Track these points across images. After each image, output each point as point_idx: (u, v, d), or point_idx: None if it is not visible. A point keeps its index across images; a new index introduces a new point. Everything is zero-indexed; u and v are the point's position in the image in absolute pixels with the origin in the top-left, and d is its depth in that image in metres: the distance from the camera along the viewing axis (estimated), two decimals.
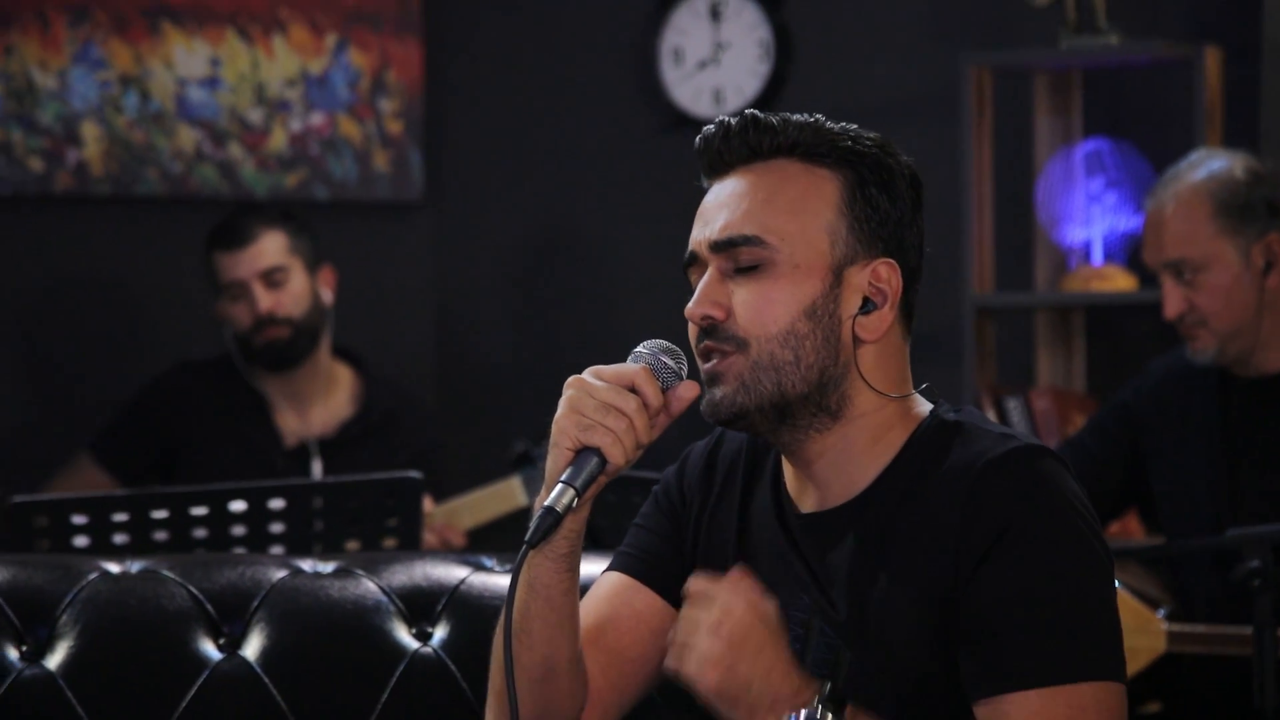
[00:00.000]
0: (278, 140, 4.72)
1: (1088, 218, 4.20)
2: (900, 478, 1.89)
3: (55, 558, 2.52)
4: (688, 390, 1.89)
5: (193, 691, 2.26)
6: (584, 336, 4.74)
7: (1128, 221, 4.17)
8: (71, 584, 2.31)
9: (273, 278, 4.10)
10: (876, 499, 1.89)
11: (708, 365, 1.90)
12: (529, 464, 4.00)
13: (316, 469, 4.11)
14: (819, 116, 1.93)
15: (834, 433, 1.90)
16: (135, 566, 2.34)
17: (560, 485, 1.85)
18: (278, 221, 4.15)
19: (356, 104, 4.75)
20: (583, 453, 1.86)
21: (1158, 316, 3.46)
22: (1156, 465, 3.43)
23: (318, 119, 4.74)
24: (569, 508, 1.85)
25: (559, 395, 1.91)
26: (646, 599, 1.98)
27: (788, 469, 1.95)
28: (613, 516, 3.02)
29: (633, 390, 1.86)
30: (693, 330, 1.92)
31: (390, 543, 3.19)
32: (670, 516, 2.01)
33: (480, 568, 2.37)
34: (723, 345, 1.89)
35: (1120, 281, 4.16)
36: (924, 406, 1.94)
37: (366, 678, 2.29)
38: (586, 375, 1.88)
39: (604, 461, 1.85)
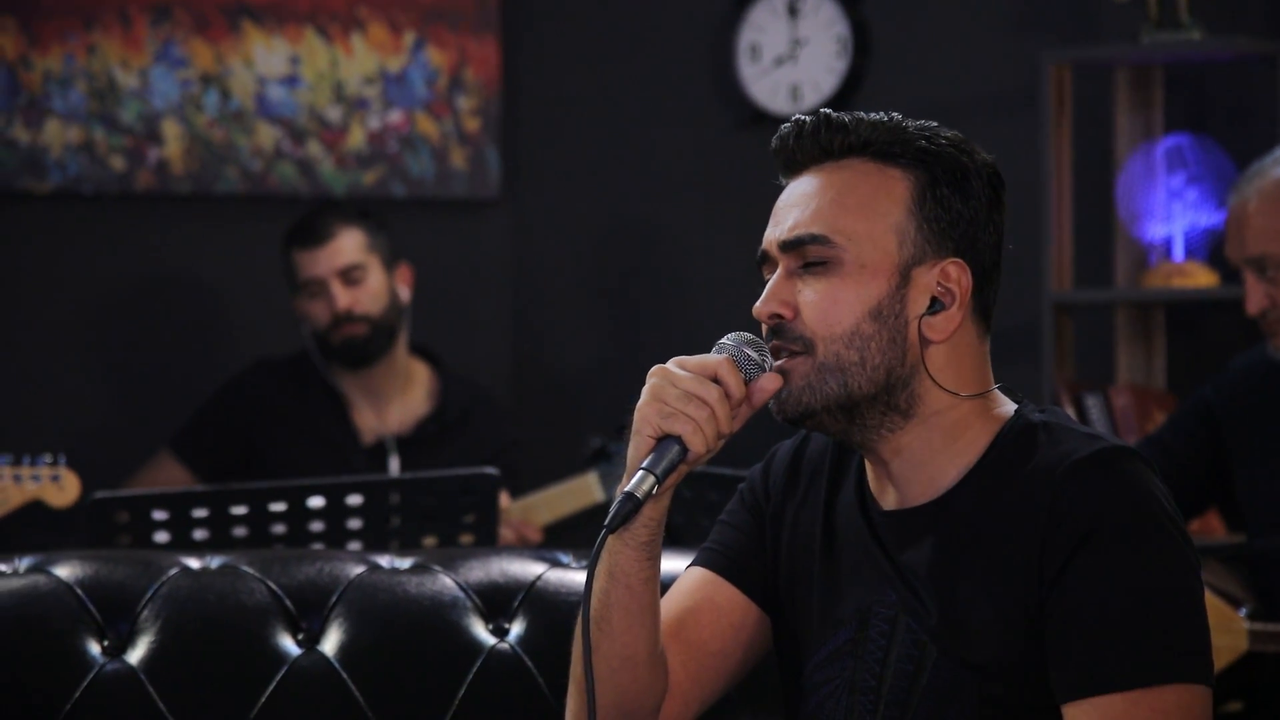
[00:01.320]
0: (356, 138, 4.75)
1: (1168, 213, 4.17)
2: (984, 478, 1.88)
3: (136, 553, 2.53)
4: (770, 382, 1.89)
5: (271, 687, 2.27)
6: (660, 333, 4.74)
7: (1209, 217, 4.13)
8: (152, 579, 2.32)
9: (350, 275, 4.12)
10: (959, 499, 1.89)
11: (778, 363, 1.90)
12: (605, 460, 4.00)
13: (394, 466, 4.13)
14: (895, 115, 1.92)
15: (907, 432, 1.90)
16: (215, 562, 2.36)
17: (641, 472, 1.86)
18: (355, 219, 4.16)
19: (434, 102, 4.77)
20: (664, 441, 1.87)
21: (1239, 313, 3.43)
22: (1238, 462, 3.40)
23: (395, 117, 4.76)
24: (649, 494, 1.86)
25: (635, 392, 1.92)
26: (728, 594, 1.99)
27: (869, 467, 1.95)
28: (688, 513, 3.02)
29: (715, 380, 1.87)
30: (764, 329, 1.92)
31: (467, 539, 3.20)
32: (754, 514, 2.02)
33: (557, 564, 2.37)
34: (790, 345, 1.90)
35: (1201, 278, 4.13)
36: (1008, 406, 1.93)
37: (443, 674, 2.29)
38: (670, 364, 1.89)
39: (685, 450, 1.86)
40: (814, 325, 1.88)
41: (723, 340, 1.92)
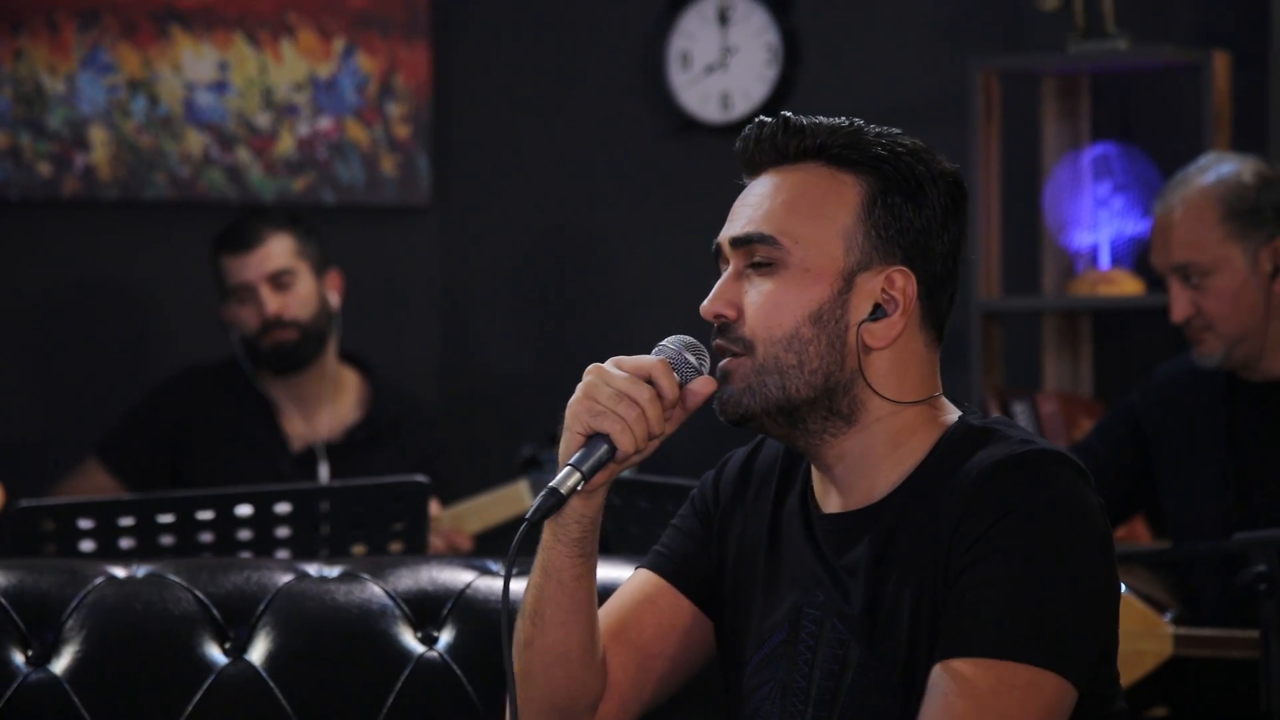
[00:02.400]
0: (285, 144, 4.73)
1: (1095, 222, 4.20)
2: (921, 481, 1.90)
3: (61, 562, 2.52)
4: (704, 386, 1.91)
5: (198, 696, 2.26)
6: (591, 340, 4.74)
7: (1135, 226, 4.17)
8: (78, 588, 2.31)
9: (280, 280, 4.10)
10: (895, 502, 1.90)
11: (720, 364, 1.92)
12: (536, 468, 4.00)
13: (323, 473, 4.11)
14: (857, 121, 1.94)
15: (850, 438, 1.91)
16: (141, 571, 2.34)
17: (567, 468, 1.88)
18: (285, 225, 4.15)
19: (364, 108, 4.76)
20: (593, 438, 1.89)
21: (1165, 320, 3.46)
22: (1163, 469, 3.43)
23: (325, 123, 4.75)
24: (573, 490, 1.87)
25: (565, 399, 1.93)
26: (671, 598, 2.00)
27: (815, 472, 1.96)
28: (618, 520, 3.02)
29: (649, 381, 1.89)
30: (713, 333, 1.94)
31: (396, 547, 3.19)
32: (703, 519, 2.03)
33: (486, 572, 2.37)
34: (731, 345, 1.91)
35: (1127, 285, 4.16)
36: (952, 414, 1.94)
37: (372, 682, 2.29)
38: (608, 364, 1.91)
39: (613, 449, 1.88)
40: (755, 327, 1.90)
41: (663, 342, 1.93)
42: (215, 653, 2.29)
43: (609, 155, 4.75)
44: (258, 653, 2.29)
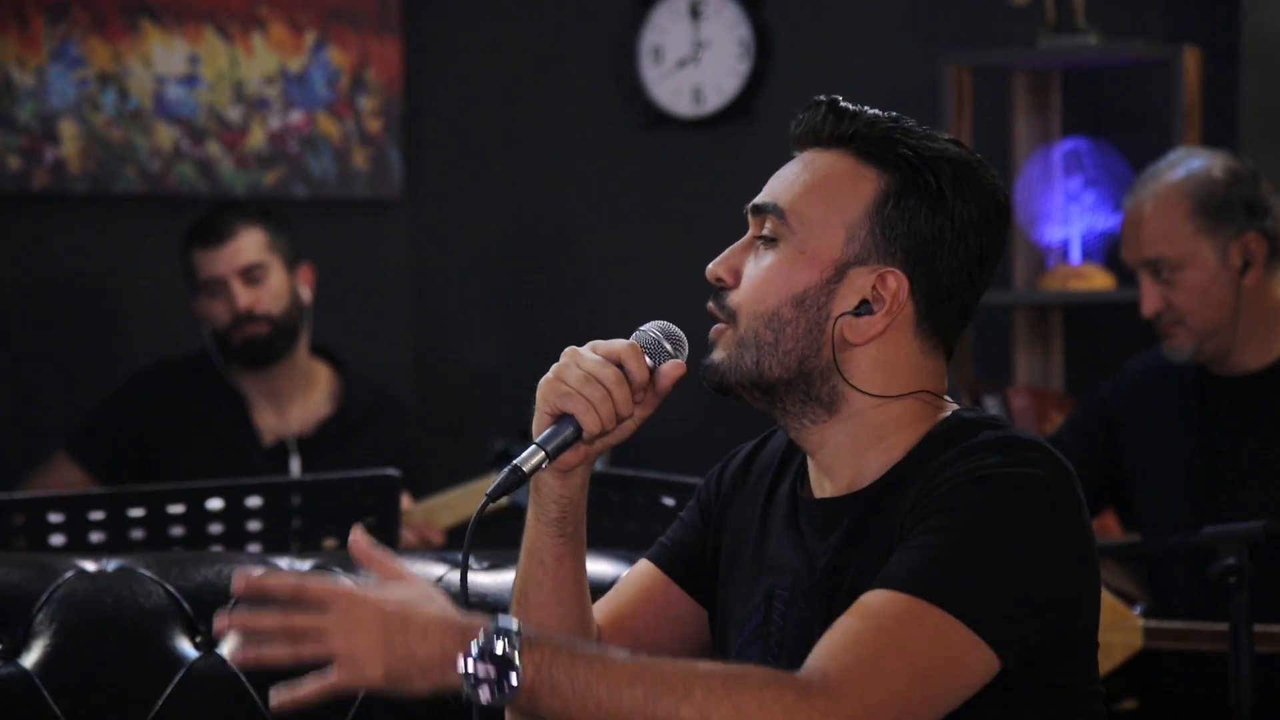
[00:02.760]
0: (256, 138, 4.72)
1: (1066, 217, 4.21)
2: (904, 471, 1.90)
3: (31, 556, 2.51)
4: (673, 369, 1.93)
5: (169, 690, 2.25)
6: (563, 334, 4.72)
7: (1106, 220, 4.18)
8: (48, 582, 2.30)
9: (251, 274, 4.10)
10: (877, 490, 1.91)
11: (711, 330, 1.95)
12: (507, 462, 3.99)
13: (295, 467, 4.10)
14: (901, 118, 1.94)
15: (831, 426, 1.92)
16: (111, 565, 2.34)
17: (532, 446, 1.90)
18: (256, 219, 4.14)
19: (335, 102, 4.75)
20: (561, 419, 1.91)
21: (1135, 315, 3.47)
22: (1133, 463, 3.44)
23: (296, 117, 4.74)
24: (536, 468, 1.90)
25: (533, 395, 1.94)
26: (668, 588, 2.02)
27: (809, 460, 1.97)
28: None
29: (619, 365, 1.90)
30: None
31: None
32: (704, 511, 2.05)
33: (458, 565, 2.37)
34: (720, 312, 1.93)
35: (1098, 280, 4.17)
36: (946, 410, 1.94)
37: None
38: (584, 347, 1.93)
39: (579, 429, 1.90)
40: (743, 298, 1.92)
41: (642, 327, 1.95)
42: (186, 646, 2.28)
43: (581, 149, 4.75)
44: (229, 647, 2.28)
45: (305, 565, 2.36)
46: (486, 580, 2.36)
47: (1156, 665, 3.35)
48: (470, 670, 1.73)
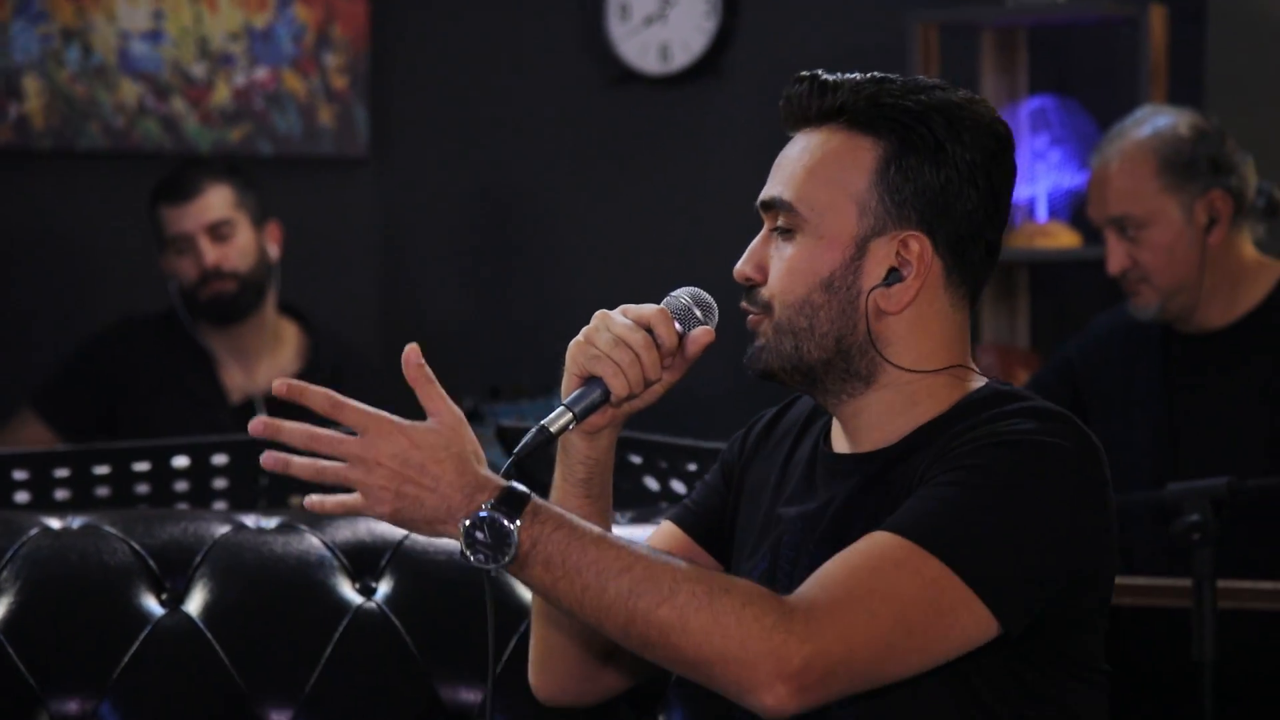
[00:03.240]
0: (221, 94, 4.69)
1: (1032, 175, 4.21)
2: (931, 434, 1.91)
3: None
4: (703, 335, 1.94)
5: (135, 647, 2.25)
6: (530, 292, 4.74)
7: (1072, 178, 4.18)
8: (12, 539, 2.30)
9: (219, 231, 4.08)
10: (903, 447, 1.92)
11: (748, 320, 1.96)
12: (477, 420, 4.00)
13: None
14: (884, 77, 1.94)
15: (868, 396, 1.93)
16: (76, 522, 2.33)
17: (560, 408, 1.92)
18: (224, 175, 4.13)
19: (301, 59, 4.72)
20: (589, 381, 1.92)
21: (1101, 273, 3.48)
22: (1098, 420, 3.45)
23: (262, 73, 4.71)
24: (564, 429, 1.91)
25: (505, 351, 1.95)
26: (689, 549, 2.03)
27: (834, 421, 1.99)
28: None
29: (649, 330, 1.92)
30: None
31: None
32: (725, 473, 2.07)
33: None
34: (754, 308, 1.95)
35: (1064, 238, 4.18)
36: (979, 381, 1.95)
37: (310, 633, 2.28)
38: (615, 310, 1.94)
39: (607, 392, 1.91)
40: (773, 291, 1.93)
41: (673, 293, 1.97)
42: (152, 604, 2.28)
43: (548, 106, 4.74)
44: (195, 604, 2.28)
45: (272, 523, 2.36)
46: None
47: (1119, 621, 3.37)
48: (469, 533, 1.77)
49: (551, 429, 1.90)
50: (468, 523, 1.77)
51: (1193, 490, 2.79)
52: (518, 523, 1.77)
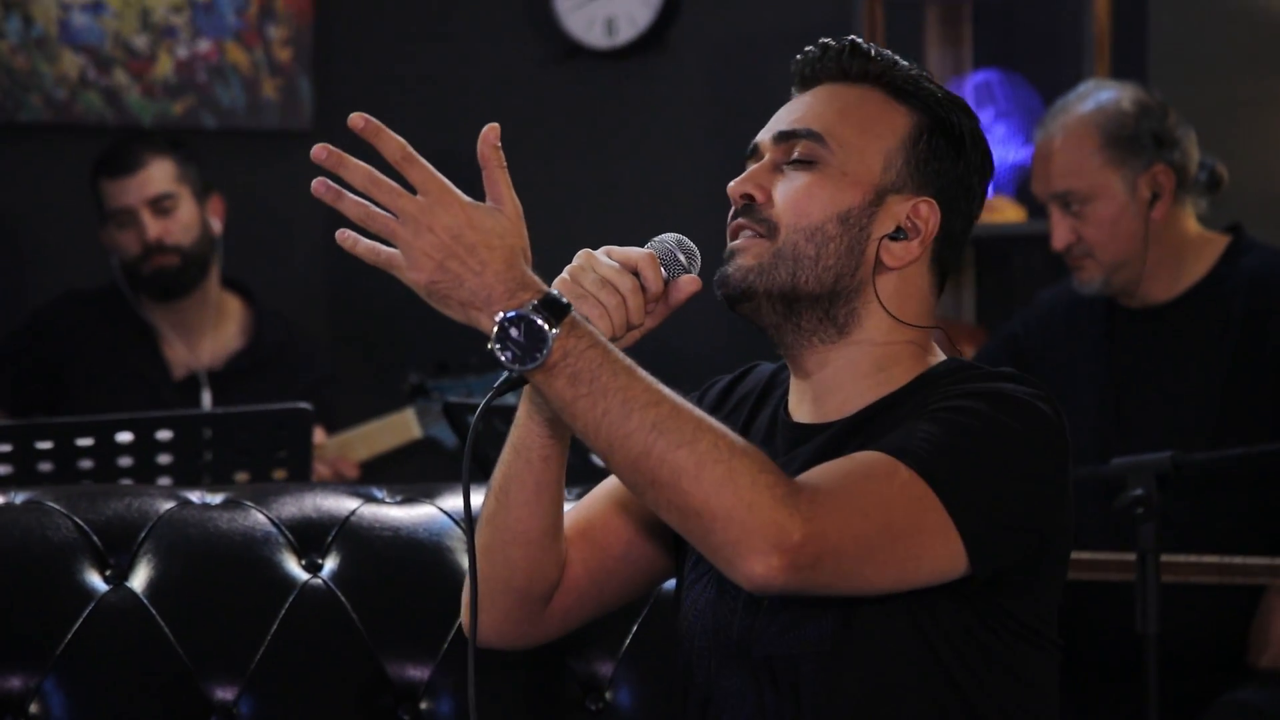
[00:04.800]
0: (164, 67, 4.66)
1: None
2: (894, 403, 1.92)
3: None
4: (689, 284, 1.94)
5: (79, 624, 2.24)
6: None
7: (1017, 153, 4.20)
8: None
9: (161, 205, 4.06)
10: (864, 418, 1.93)
11: (733, 242, 1.95)
12: (423, 396, 3.99)
13: (206, 401, 4.08)
14: (915, 64, 1.99)
15: (837, 349, 1.94)
16: (19, 498, 2.32)
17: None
18: (166, 149, 4.10)
19: (244, 31, 4.69)
20: None
21: (1046, 248, 3.49)
22: None
23: (204, 46, 4.68)
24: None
25: (449, 328, 1.93)
26: (636, 505, 2.02)
27: (792, 386, 1.99)
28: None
29: (635, 273, 1.91)
30: (731, 213, 1.97)
31: (280, 474, 3.17)
32: None
33: (371, 499, 2.36)
34: (754, 225, 1.94)
35: (1009, 213, 4.19)
36: (941, 355, 1.98)
37: (256, 609, 2.27)
38: (599, 251, 1.94)
39: None
40: (782, 212, 1.93)
41: (657, 238, 1.96)
42: (96, 580, 2.27)
43: (494, 80, 4.72)
44: (139, 580, 2.27)
45: (217, 499, 2.35)
46: (399, 514, 2.36)
47: (1065, 595, 3.39)
48: (503, 328, 1.74)
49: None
50: (506, 316, 1.74)
51: (1137, 464, 2.80)
52: (555, 330, 1.73)
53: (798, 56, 2.01)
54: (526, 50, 4.67)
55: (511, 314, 1.74)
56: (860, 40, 1.99)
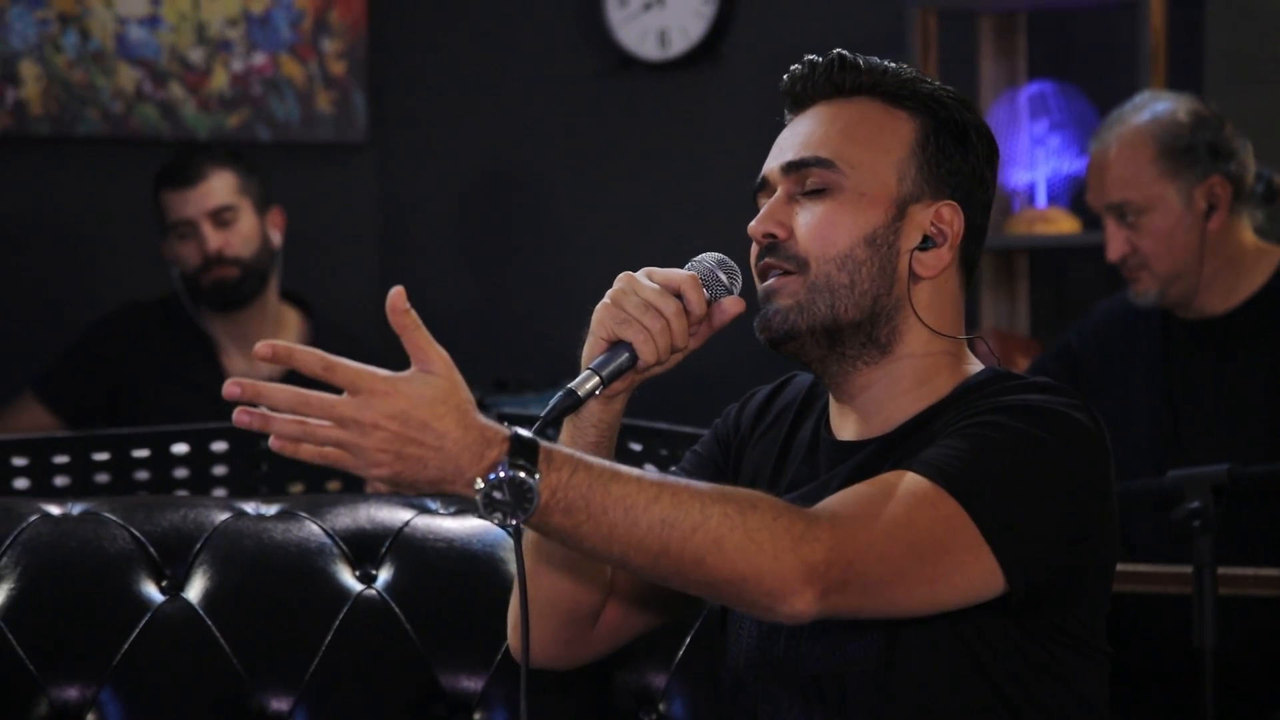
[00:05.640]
0: (219, 80, 4.69)
1: (1032, 160, 4.21)
2: (935, 414, 1.91)
3: None
4: (733, 305, 1.93)
5: (135, 634, 2.25)
6: (529, 278, 4.73)
7: (1072, 164, 4.18)
8: (12, 526, 2.29)
9: (222, 217, 4.08)
10: (904, 433, 1.92)
11: (765, 283, 1.94)
12: (482, 410, 3.98)
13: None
14: (904, 65, 1.97)
15: (880, 368, 1.94)
16: (76, 509, 2.33)
17: (587, 372, 1.89)
18: (227, 161, 4.12)
19: (299, 44, 4.72)
20: (616, 345, 1.90)
21: (1101, 259, 3.47)
22: (1099, 407, 3.42)
23: (259, 59, 4.70)
24: (590, 394, 1.88)
25: (504, 338, 1.93)
26: None
27: (833, 405, 1.99)
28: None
29: (678, 295, 1.90)
30: (754, 250, 1.96)
31: (334, 485, 3.18)
32: (721, 443, 2.06)
33: (425, 510, 2.37)
34: (782, 264, 1.93)
35: (1064, 224, 4.18)
36: (978, 365, 1.97)
37: (310, 620, 2.28)
38: (640, 273, 1.92)
39: (634, 357, 1.89)
40: (809, 245, 1.92)
41: (697, 258, 1.94)
42: (152, 590, 2.28)
43: (546, 92, 4.73)
44: (195, 591, 2.28)
45: (272, 510, 2.36)
46: (453, 525, 2.36)
47: (1120, 608, 3.37)
48: (486, 494, 1.68)
49: (579, 393, 1.87)
50: (487, 481, 1.68)
51: (1193, 477, 2.79)
52: (537, 475, 1.69)
53: (784, 77, 1.99)
54: (579, 62, 4.68)
55: (491, 477, 1.68)
56: (846, 52, 1.97)
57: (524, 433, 1.71)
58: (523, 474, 1.68)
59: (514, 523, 1.69)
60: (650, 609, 2.03)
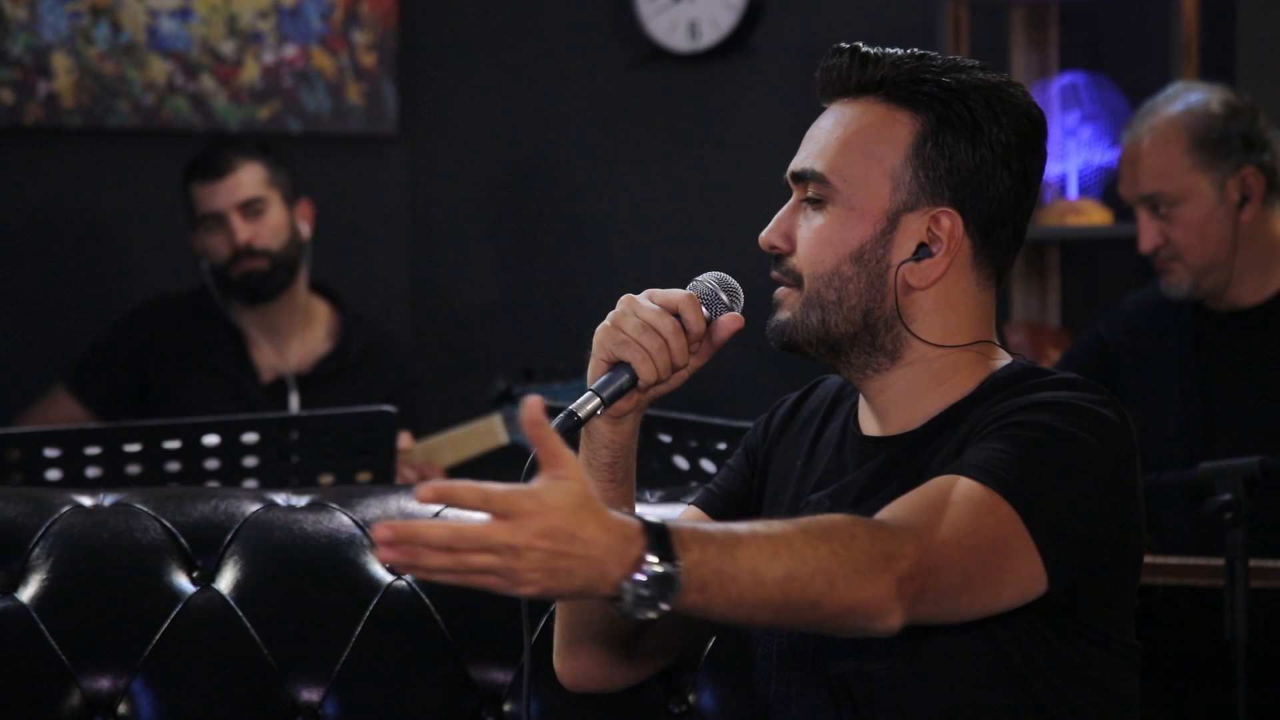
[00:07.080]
0: (250, 72, 4.70)
1: (1064, 152, 4.20)
2: (958, 414, 1.91)
3: (28, 491, 2.51)
4: (731, 322, 1.94)
5: (166, 624, 2.25)
6: (559, 270, 4.73)
7: (1104, 155, 4.17)
8: (44, 517, 2.30)
9: (251, 209, 4.09)
10: (929, 430, 1.92)
11: (775, 292, 1.96)
12: (510, 402, 4.00)
13: (294, 404, 4.10)
14: (925, 53, 1.95)
15: (893, 373, 1.94)
16: (108, 500, 2.34)
17: (588, 393, 1.92)
18: (256, 153, 4.13)
19: (329, 36, 4.72)
20: (616, 366, 1.92)
21: (1133, 250, 3.46)
22: (1130, 399, 3.44)
23: (290, 51, 4.71)
24: (591, 414, 1.91)
25: (533, 328, 1.95)
26: None
27: (861, 400, 1.99)
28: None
29: (676, 315, 1.92)
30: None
31: (364, 477, 3.19)
32: (749, 455, 2.07)
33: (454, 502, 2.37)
34: (784, 276, 1.95)
35: (1096, 216, 4.16)
36: (1004, 359, 1.96)
37: (340, 611, 2.29)
38: (641, 295, 1.94)
39: (635, 377, 1.91)
40: (802, 260, 1.93)
41: (699, 278, 1.97)
42: (183, 581, 2.29)
43: (577, 84, 4.73)
44: (226, 581, 2.29)
45: (302, 501, 2.36)
46: (484, 518, 2.36)
47: (1151, 600, 3.37)
48: (632, 593, 1.65)
49: (579, 414, 1.90)
50: (634, 581, 1.65)
51: (1225, 469, 2.78)
52: (678, 563, 1.66)
53: (818, 68, 1.98)
54: (609, 54, 4.68)
55: (638, 577, 1.65)
56: (861, 47, 1.95)
57: (653, 521, 1.69)
58: (663, 567, 1.66)
59: (654, 614, 1.67)
60: (689, 628, 2.02)
